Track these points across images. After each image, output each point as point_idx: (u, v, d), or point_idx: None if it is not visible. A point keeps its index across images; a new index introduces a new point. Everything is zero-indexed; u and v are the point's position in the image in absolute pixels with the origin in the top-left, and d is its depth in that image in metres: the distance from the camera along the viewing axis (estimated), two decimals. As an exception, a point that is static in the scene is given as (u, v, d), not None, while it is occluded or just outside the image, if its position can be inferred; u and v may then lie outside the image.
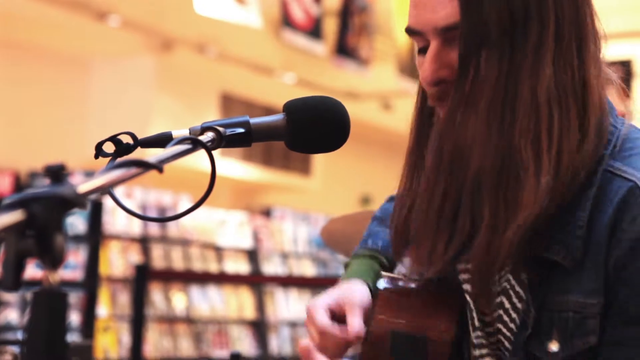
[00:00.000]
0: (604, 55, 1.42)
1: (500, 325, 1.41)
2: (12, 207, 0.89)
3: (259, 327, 8.62)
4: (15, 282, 0.88)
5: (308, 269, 9.52)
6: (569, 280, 1.33)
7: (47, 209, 0.90)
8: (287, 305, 9.03)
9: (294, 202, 11.29)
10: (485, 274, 1.36)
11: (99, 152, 1.40)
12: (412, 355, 1.40)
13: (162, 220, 1.48)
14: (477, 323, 1.43)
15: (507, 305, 1.39)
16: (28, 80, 8.90)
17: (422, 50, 1.42)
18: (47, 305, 0.88)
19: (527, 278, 1.37)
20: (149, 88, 9.32)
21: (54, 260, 0.91)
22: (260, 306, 8.67)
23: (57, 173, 0.95)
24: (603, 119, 1.38)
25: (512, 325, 1.39)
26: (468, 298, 1.43)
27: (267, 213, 10.19)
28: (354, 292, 1.51)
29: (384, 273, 1.52)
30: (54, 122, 9.09)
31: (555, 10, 1.35)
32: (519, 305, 1.38)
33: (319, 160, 11.81)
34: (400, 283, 1.49)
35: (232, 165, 10.22)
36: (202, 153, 1.34)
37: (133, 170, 1.13)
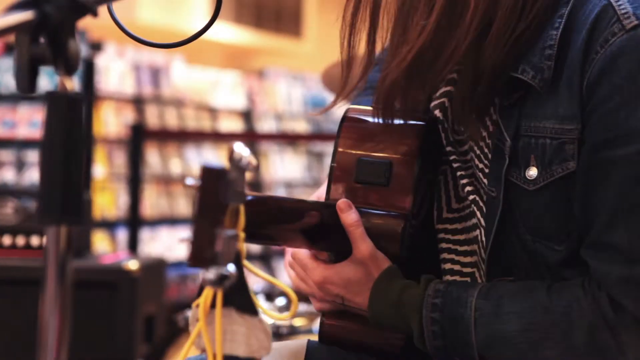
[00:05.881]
0: None
1: (472, 155, 1.40)
2: (22, 6, 0.86)
3: (255, 188, 8.68)
4: (30, 86, 0.86)
5: (303, 129, 9.51)
6: (543, 106, 1.30)
7: (60, 11, 0.87)
8: (282, 165, 9.06)
9: (287, 65, 11.21)
10: (465, 96, 1.34)
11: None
12: (376, 179, 1.40)
13: (166, 46, 1.42)
14: (449, 148, 1.42)
15: (484, 133, 1.37)
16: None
17: None
18: (64, 107, 0.86)
19: (499, 103, 1.34)
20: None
21: (67, 65, 0.89)
22: (256, 166, 8.70)
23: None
24: None
25: (486, 151, 1.37)
26: (441, 119, 1.41)
27: (260, 74, 10.12)
28: None
29: (351, 106, 1.48)
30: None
31: None
32: (491, 129, 1.35)
33: (310, 22, 11.66)
34: (364, 116, 1.47)
35: (222, 28, 10.08)
36: (194, 14, 1.30)
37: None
